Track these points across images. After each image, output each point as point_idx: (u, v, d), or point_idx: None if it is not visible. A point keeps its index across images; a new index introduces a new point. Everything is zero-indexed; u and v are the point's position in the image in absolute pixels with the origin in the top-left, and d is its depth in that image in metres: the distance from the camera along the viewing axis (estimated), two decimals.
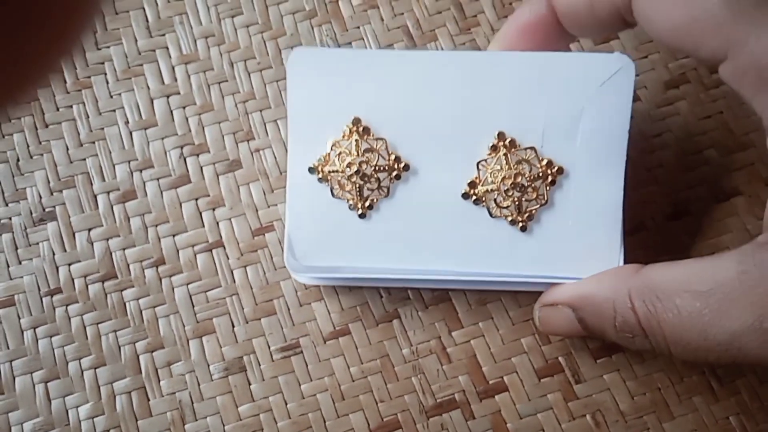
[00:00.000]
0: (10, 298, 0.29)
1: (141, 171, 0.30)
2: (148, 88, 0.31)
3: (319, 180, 0.27)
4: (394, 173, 0.27)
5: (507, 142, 0.26)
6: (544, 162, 0.26)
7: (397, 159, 0.27)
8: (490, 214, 0.27)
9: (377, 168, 0.26)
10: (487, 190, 0.26)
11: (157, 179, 0.30)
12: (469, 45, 0.32)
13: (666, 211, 0.29)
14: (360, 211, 0.27)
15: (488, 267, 0.26)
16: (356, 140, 0.26)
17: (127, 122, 0.31)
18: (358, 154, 0.26)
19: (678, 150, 0.30)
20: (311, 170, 0.27)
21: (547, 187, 0.26)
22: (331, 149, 0.26)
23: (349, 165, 0.26)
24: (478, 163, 0.26)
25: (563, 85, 0.26)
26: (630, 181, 0.26)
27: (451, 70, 0.26)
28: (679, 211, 0.30)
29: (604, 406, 0.27)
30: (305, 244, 0.26)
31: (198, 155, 0.31)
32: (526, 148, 0.26)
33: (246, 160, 0.30)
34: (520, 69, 0.26)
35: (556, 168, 0.26)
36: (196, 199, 0.30)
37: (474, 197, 0.27)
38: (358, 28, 0.32)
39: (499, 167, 0.26)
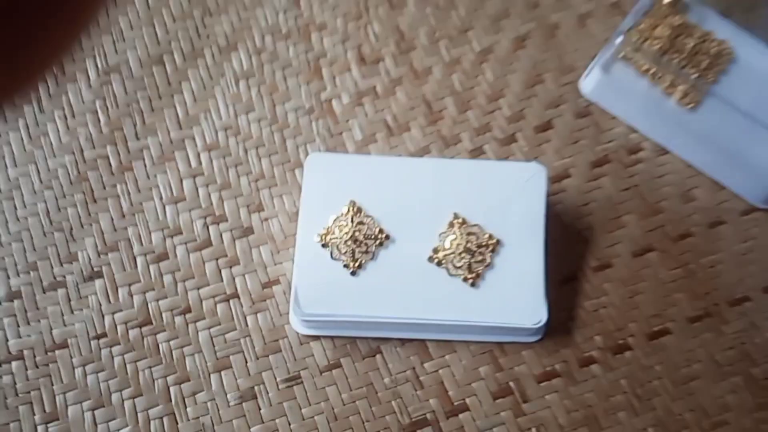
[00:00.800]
0: (64, 342, 0.35)
1: (172, 237, 0.38)
2: (179, 170, 0.39)
3: (323, 246, 0.34)
4: (379, 241, 0.34)
5: (460, 220, 0.34)
6: (487, 235, 0.34)
7: (381, 231, 0.34)
8: (449, 274, 0.34)
9: (366, 236, 0.34)
10: (446, 255, 0.34)
11: (185, 243, 0.37)
12: (436, 134, 0.40)
13: (592, 264, 0.37)
14: (352, 269, 0.34)
15: (447, 314, 0.33)
16: (352, 216, 0.34)
17: (161, 198, 0.38)
18: (353, 226, 0.34)
19: (602, 216, 0.38)
20: (319, 237, 0.34)
21: (490, 254, 0.34)
22: (333, 223, 0.34)
23: (345, 233, 0.34)
24: (439, 235, 0.34)
25: (498, 183, 0.35)
26: (564, 241, 0.34)
27: (420, 171, 0.35)
28: (603, 264, 0.37)
29: (546, 420, 0.34)
30: (309, 295, 0.34)
31: (218, 224, 0.38)
32: (473, 225, 0.34)
33: (257, 228, 0.38)
34: (468, 171, 0.35)
35: (495, 240, 0.34)
36: (216, 259, 0.37)
37: (436, 260, 0.34)
38: (348, 121, 0.40)
39: (454, 237, 0.34)
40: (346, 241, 0.34)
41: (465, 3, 0.43)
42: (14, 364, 0.35)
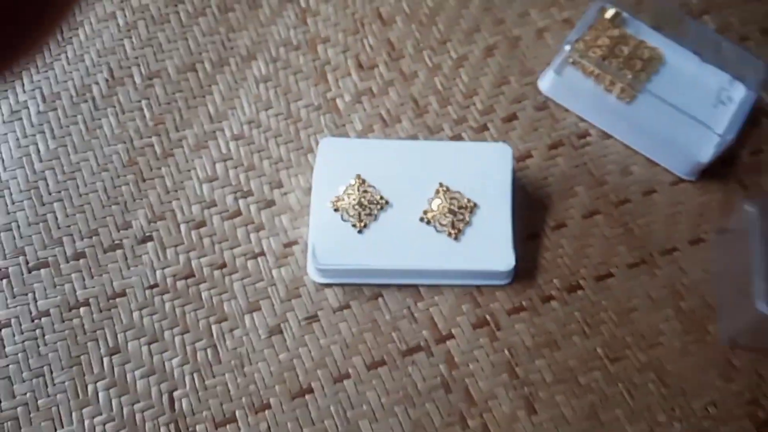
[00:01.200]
0: (123, 291, 0.43)
1: (209, 208, 0.46)
2: (212, 156, 0.47)
3: (335, 210, 0.42)
4: (380, 206, 0.43)
5: (444, 187, 0.43)
6: (466, 199, 0.43)
7: (382, 197, 0.43)
8: (436, 230, 0.43)
9: (370, 202, 0.43)
10: (433, 215, 0.43)
11: (219, 213, 0.46)
12: (422, 124, 0.49)
13: (551, 224, 0.46)
14: (359, 229, 0.42)
15: (435, 263, 0.42)
16: (358, 186, 0.43)
17: (198, 178, 0.47)
18: (359, 194, 0.43)
19: (558, 187, 0.47)
20: (331, 204, 0.43)
21: (469, 214, 0.43)
22: (343, 192, 0.43)
23: (353, 200, 0.42)
24: (428, 200, 0.43)
25: (474, 159, 0.44)
26: (528, 206, 0.43)
27: (413, 150, 0.44)
28: (559, 224, 0.46)
29: (516, 344, 0.42)
30: (324, 248, 0.42)
31: (246, 197, 0.46)
32: (455, 191, 0.43)
33: (278, 200, 0.46)
34: (450, 150, 0.44)
35: (473, 203, 0.43)
36: (245, 226, 0.45)
37: (426, 220, 0.43)
38: (349, 115, 0.49)
39: (439, 201, 0.43)
40: (354, 206, 0.42)
41: (443, 20, 0.52)
42: (82, 309, 0.42)
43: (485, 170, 0.44)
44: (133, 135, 0.48)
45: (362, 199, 0.43)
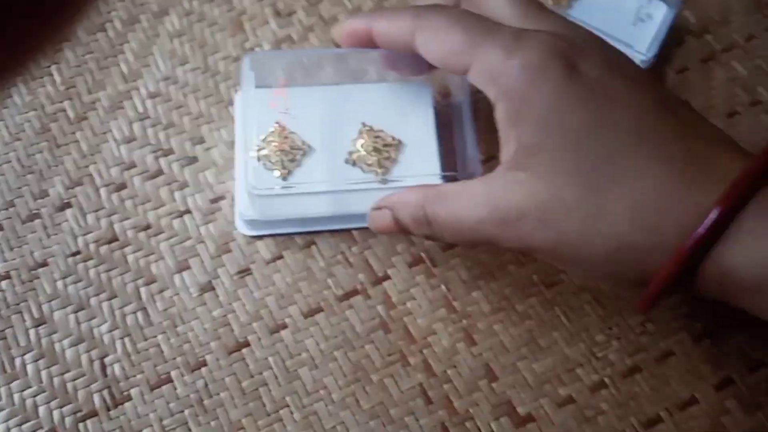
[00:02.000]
0: (45, 261, 0.41)
1: (129, 170, 0.44)
2: (128, 116, 0.46)
3: (258, 159, 0.41)
4: (303, 151, 0.42)
5: (368, 127, 0.42)
6: (390, 137, 0.42)
7: (304, 142, 0.42)
8: (363, 171, 0.42)
9: (292, 148, 0.41)
10: (359, 156, 0.42)
11: (140, 174, 0.44)
12: (345, 69, 0.47)
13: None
14: (283, 176, 0.41)
15: (364, 203, 0.41)
16: (278, 133, 0.41)
17: (115, 140, 0.45)
18: (280, 141, 0.41)
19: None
20: (254, 153, 0.41)
21: (394, 152, 0.42)
22: (263, 141, 0.41)
23: (275, 146, 0.41)
24: (352, 140, 0.42)
25: (396, 99, 0.43)
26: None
27: (333, 95, 0.43)
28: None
29: (452, 279, 0.42)
30: (250, 200, 0.41)
31: (167, 156, 0.45)
32: (379, 130, 0.42)
33: (201, 156, 0.45)
34: (371, 92, 0.43)
35: (397, 140, 0.42)
36: (168, 185, 0.44)
37: (352, 161, 0.42)
38: None
39: (363, 141, 0.42)
40: (276, 152, 0.41)
41: None
42: (3, 282, 0.41)
43: (407, 108, 0.43)
44: (45, 101, 0.46)
45: (284, 146, 0.41)
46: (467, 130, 0.41)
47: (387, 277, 0.42)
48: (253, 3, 0.49)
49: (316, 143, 0.42)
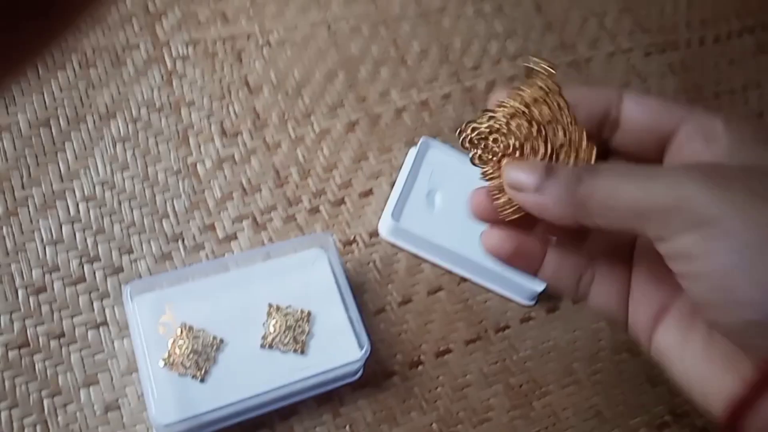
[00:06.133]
0: None
1: (51, 273, 0.44)
2: (59, 217, 0.46)
3: (169, 368, 0.40)
4: (215, 346, 0.42)
5: (275, 306, 0.44)
6: (299, 311, 0.44)
7: (215, 337, 0.42)
8: (281, 352, 0.43)
9: (204, 346, 0.42)
10: (273, 337, 0.43)
11: (62, 279, 0.44)
12: (281, 195, 0.50)
13: (398, 300, 0.48)
14: (200, 378, 0.41)
15: (288, 378, 0.41)
16: (186, 334, 0.42)
17: (42, 240, 0.45)
18: (189, 342, 0.42)
19: (406, 263, 0.50)
20: (163, 362, 0.40)
21: (306, 324, 0.43)
22: (172, 346, 0.41)
23: (186, 349, 0.41)
24: (263, 324, 0.43)
25: (294, 271, 0.45)
26: (376, 283, 0.45)
27: (230, 282, 0.44)
28: (405, 300, 0.48)
29: (357, 420, 0.44)
30: (164, 409, 0.39)
31: (92, 263, 0.45)
32: (287, 306, 0.44)
33: (126, 266, 0.45)
34: (269, 270, 0.44)
35: (307, 312, 0.44)
36: (89, 292, 0.44)
37: (267, 344, 0.43)
38: (209, 181, 0.49)
39: (275, 320, 0.43)
40: (188, 356, 0.41)
41: (309, 93, 0.54)
42: None
43: (307, 277, 0.45)
44: None
45: (194, 346, 0.41)
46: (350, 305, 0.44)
47: (295, 412, 0.43)
48: (201, 118, 0.51)
49: (227, 335, 0.43)
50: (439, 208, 0.50)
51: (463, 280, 0.50)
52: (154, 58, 0.53)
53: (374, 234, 0.50)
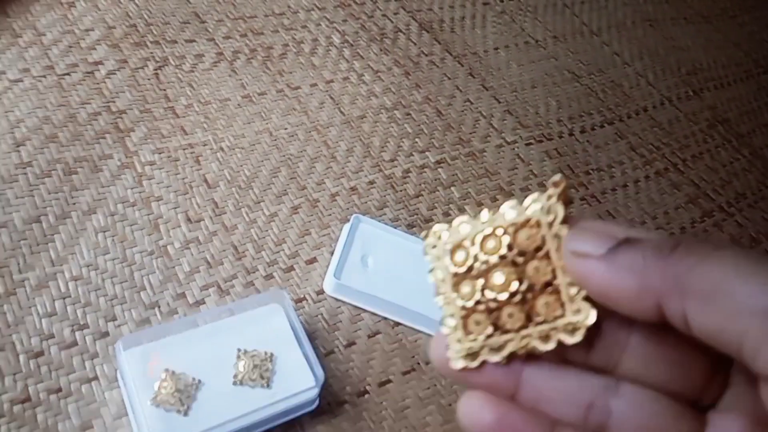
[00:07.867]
0: None
1: (47, 339, 0.52)
2: (52, 295, 0.54)
3: (156, 406, 0.49)
4: (195, 386, 0.51)
5: (243, 350, 0.53)
6: (263, 352, 0.53)
7: (194, 378, 0.51)
8: (251, 387, 0.51)
9: (185, 386, 0.50)
10: (243, 376, 0.52)
11: (57, 344, 0.52)
12: (240, 266, 0.60)
13: (344, 343, 0.58)
14: (184, 412, 0.50)
15: (256, 406, 0.49)
16: (169, 377, 0.51)
17: (39, 314, 0.53)
18: (173, 383, 0.51)
19: (348, 313, 0.60)
20: (150, 401, 0.49)
21: (270, 363, 0.53)
22: (158, 387, 0.50)
23: (170, 389, 0.50)
24: (233, 365, 0.52)
25: (256, 322, 0.54)
26: (326, 329, 0.54)
27: (206, 334, 0.53)
28: (350, 343, 0.58)
29: None
30: None
31: (82, 329, 0.53)
32: (252, 350, 0.53)
33: (112, 332, 0.54)
34: (237, 324, 0.54)
35: (270, 353, 0.53)
36: (81, 354, 0.52)
37: (238, 382, 0.52)
38: (179, 259, 0.59)
39: (243, 362, 0.53)
40: (172, 394, 0.50)
41: (258, 185, 0.66)
42: None
43: (267, 327, 0.54)
44: None
45: (177, 386, 0.50)
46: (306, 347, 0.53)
47: None
48: (169, 210, 0.62)
49: (204, 376, 0.51)
50: (372, 268, 0.62)
51: (397, 324, 0.60)
52: (126, 165, 0.64)
53: (320, 292, 0.60)
